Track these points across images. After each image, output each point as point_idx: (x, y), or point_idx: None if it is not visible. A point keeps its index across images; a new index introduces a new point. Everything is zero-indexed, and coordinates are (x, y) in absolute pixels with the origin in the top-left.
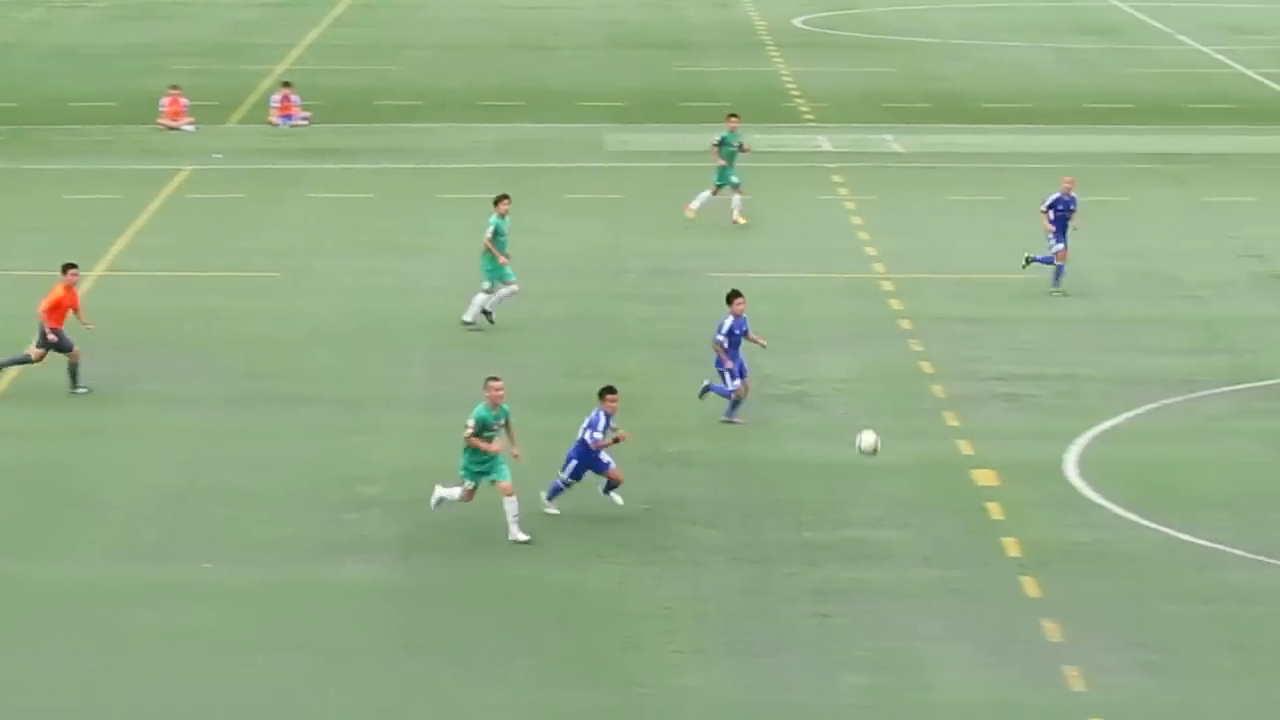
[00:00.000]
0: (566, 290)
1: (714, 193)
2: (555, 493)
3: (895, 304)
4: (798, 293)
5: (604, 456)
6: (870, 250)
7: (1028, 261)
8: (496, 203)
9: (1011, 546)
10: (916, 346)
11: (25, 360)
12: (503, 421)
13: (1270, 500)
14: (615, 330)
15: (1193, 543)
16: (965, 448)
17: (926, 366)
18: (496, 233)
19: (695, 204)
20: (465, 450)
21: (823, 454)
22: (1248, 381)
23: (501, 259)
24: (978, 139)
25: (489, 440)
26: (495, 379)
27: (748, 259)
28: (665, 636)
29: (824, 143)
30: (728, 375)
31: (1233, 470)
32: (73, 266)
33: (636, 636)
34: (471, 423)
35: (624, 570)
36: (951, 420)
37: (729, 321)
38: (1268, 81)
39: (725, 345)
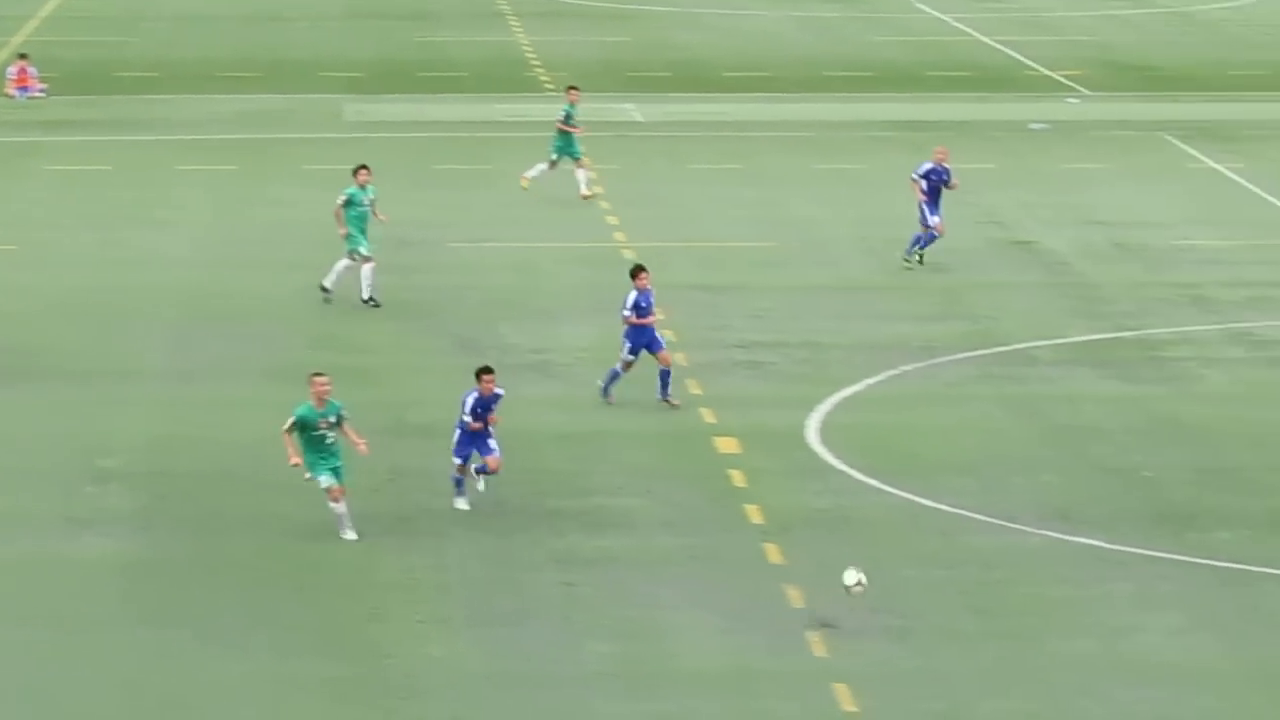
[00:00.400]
0: (307, 261)
1: (550, 166)
2: (458, 484)
3: None
4: (539, 262)
5: (491, 443)
6: (611, 219)
7: (919, 258)
8: (355, 172)
9: (754, 514)
10: (659, 315)
11: None
12: (333, 419)
13: (1010, 465)
14: (356, 301)
15: (934, 508)
16: (707, 415)
17: (668, 335)
18: (349, 202)
19: (532, 173)
20: (308, 448)
21: (565, 423)
22: (987, 347)
23: (341, 230)
24: (719, 108)
25: (314, 443)
26: (320, 375)
27: (489, 229)
28: (409, 607)
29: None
30: (626, 347)
31: (973, 436)
32: None
33: (380, 607)
34: (290, 420)
35: (367, 541)
36: (694, 388)
37: (633, 296)
38: (1006, 49)
39: (635, 319)
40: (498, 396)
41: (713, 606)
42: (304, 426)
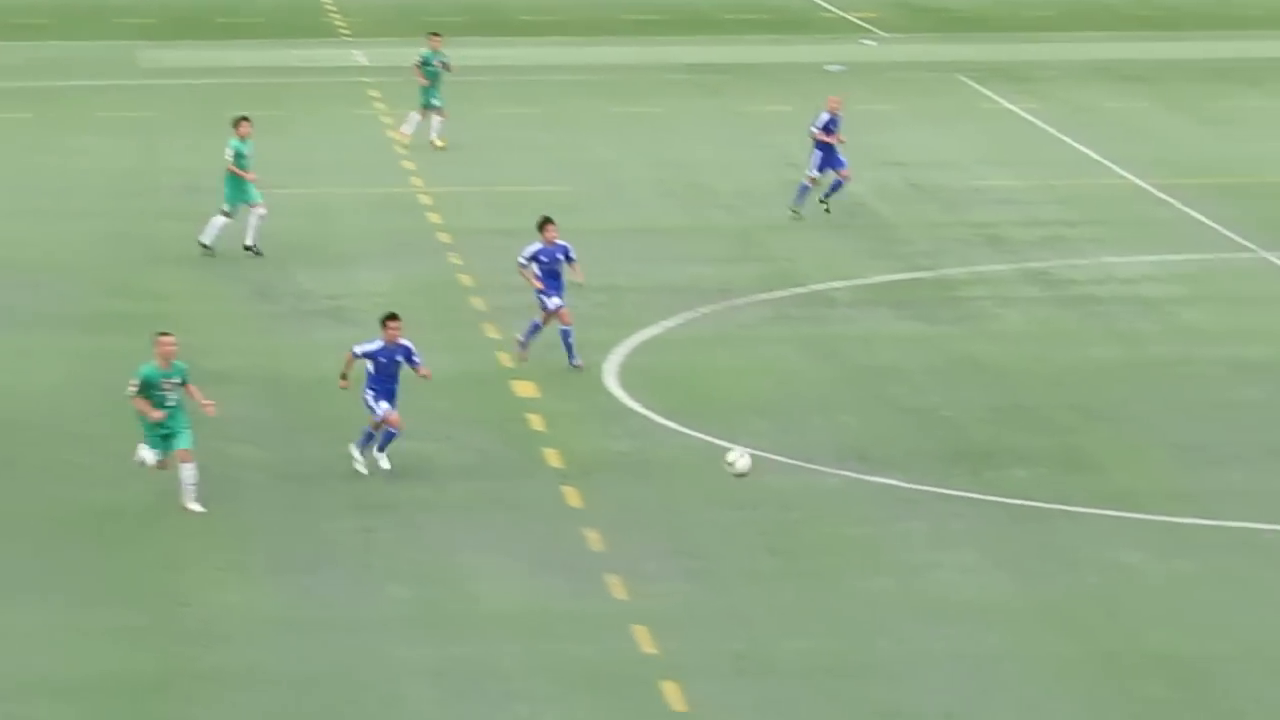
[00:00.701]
0: (100, 209)
1: (422, 115)
2: (368, 440)
3: (433, 217)
4: (335, 207)
5: (391, 399)
6: (407, 164)
7: (826, 208)
8: (236, 125)
9: (553, 457)
10: (455, 260)
11: None
12: (178, 380)
13: (807, 406)
14: (151, 248)
15: (732, 449)
16: (505, 360)
17: (465, 279)
18: (238, 155)
19: (407, 128)
20: (141, 417)
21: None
22: (784, 289)
23: (250, 176)
24: (514, 51)
25: (156, 404)
26: (166, 334)
27: (284, 175)
28: (206, 554)
29: (360, 57)
30: (543, 299)
31: (770, 377)
32: None
33: (177, 555)
34: (135, 381)
35: (163, 489)
36: (491, 332)
37: (533, 248)
38: None
39: (536, 272)
40: (406, 349)
41: (512, 550)
42: (148, 387)
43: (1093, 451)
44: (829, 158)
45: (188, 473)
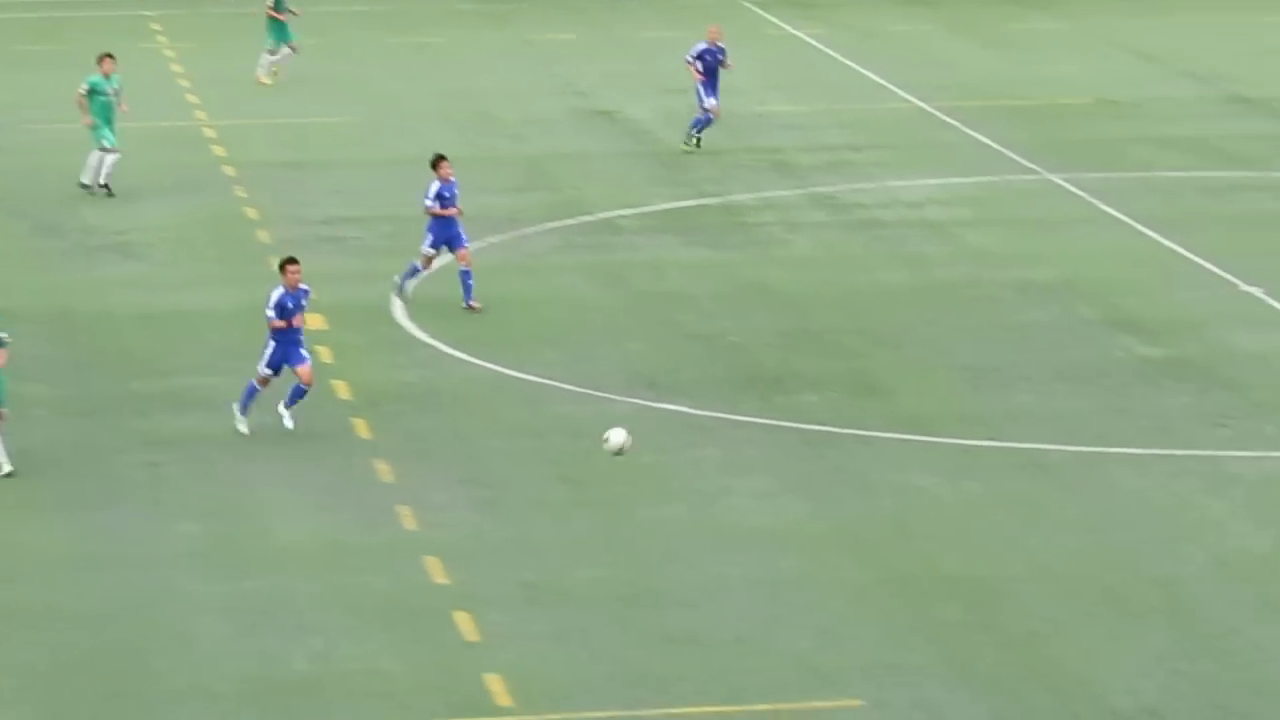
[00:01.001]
0: None
1: (281, 53)
2: (250, 397)
3: (218, 150)
4: (119, 142)
5: (302, 350)
6: (191, 98)
7: (696, 142)
8: (99, 61)
9: (342, 389)
10: (241, 193)
11: None
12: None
13: (595, 334)
14: None
15: (521, 378)
16: None
17: (251, 213)
18: (92, 91)
19: (263, 71)
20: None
21: (148, 304)
22: (571, 217)
23: (85, 120)
24: None
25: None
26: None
27: (67, 109)
28: None
29: None
30: (428, 240)
31: (559, 306)
32: None
33: None
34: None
35: None
36: (275, 266)
37: (435, 186)
38: None
39: (437, 209)
40: (305, 292)
41: (302, 483)
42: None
43: (882, 376)
44: (711, 88)
45: None
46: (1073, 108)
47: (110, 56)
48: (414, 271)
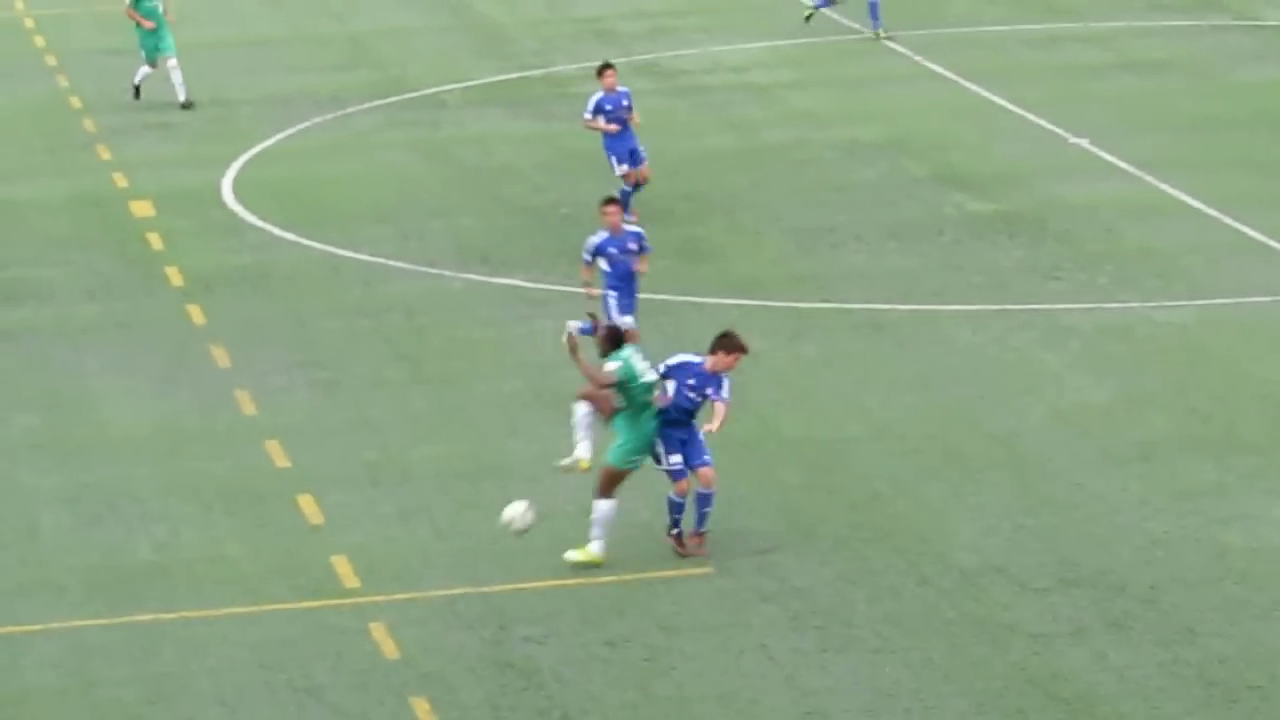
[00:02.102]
0: None
1: None
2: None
3: (39, 40)
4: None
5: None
6: None
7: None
8: None
9: (174, 276)
10: (64, 81)
11: None
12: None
13: (426, 210)
14: None
15: (354, 258)
16: (120, 180)
17: (75, 101)
18: (137, 2)
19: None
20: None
21: None
22: (395, 95)
23: (148, 24)
24: None
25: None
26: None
27: None
28: None
29: None
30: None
31: (388, 184)
32: None
33: None
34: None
35: None
36: (104, 154)
37: (594, 98)
38: None
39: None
40: (635, 235)
41: (139, 372)
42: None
43: (714, 241)
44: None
45: None
46: None
47: None
48: (626, 196)
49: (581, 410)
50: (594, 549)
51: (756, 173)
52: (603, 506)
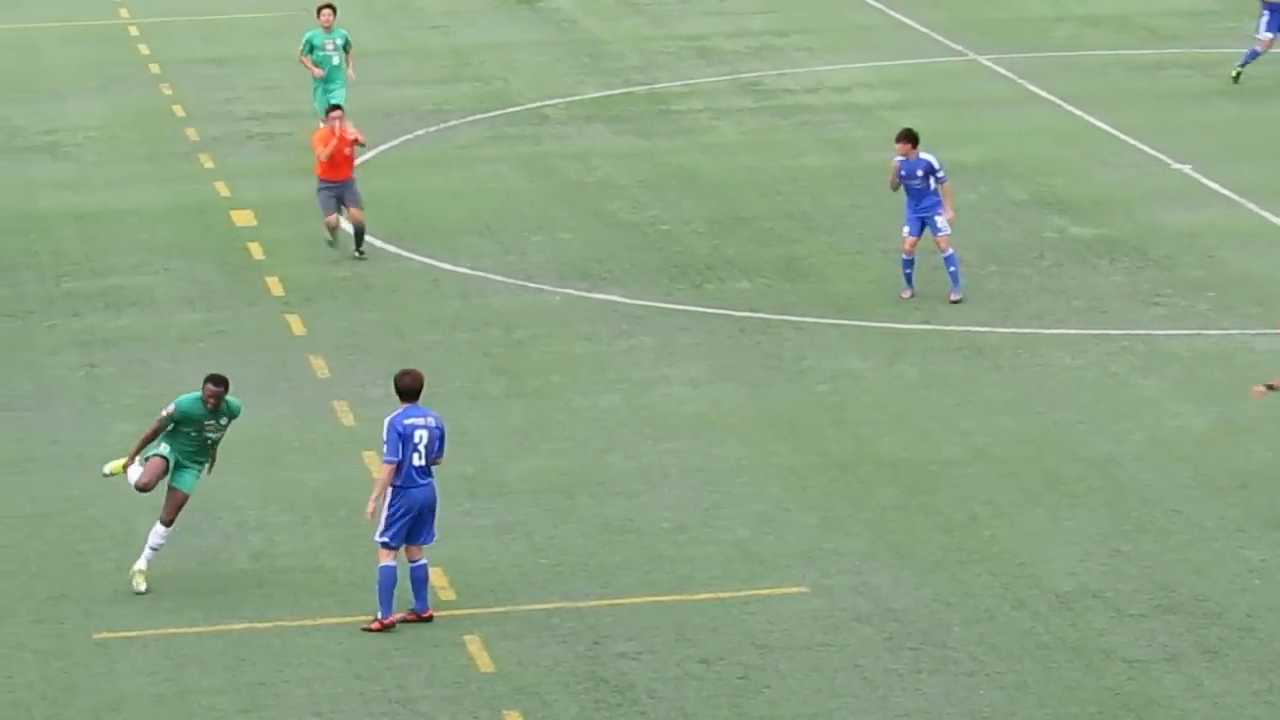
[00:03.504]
0: None
1: None
2: None
3: (143, 48)
4: (41, 42)
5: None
6: None
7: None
8: (318, 13)
9: (275, 285)
10: (167, 90)
11: None
12: None
13: (526, 224)
14: None
15: (454, 271)
16: (223, 189)
17: (178, 110)
18: (311, 47)
19: None
20: None
21: (78, 204)
22: (498, 108)
23: (316, 72)
24: None
25: None
26: None
27: None
28: None
29: None
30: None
31: (489, 197)
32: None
33: None
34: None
35: None
36: (207, 163)
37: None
38: None
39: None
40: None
41: (238, 381)
42: None
43: (814, 261)
44: (1274, 19)
45: None
46: None
47: (330, 7)
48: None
49: None
50: None
51: (858, 193)
52: None
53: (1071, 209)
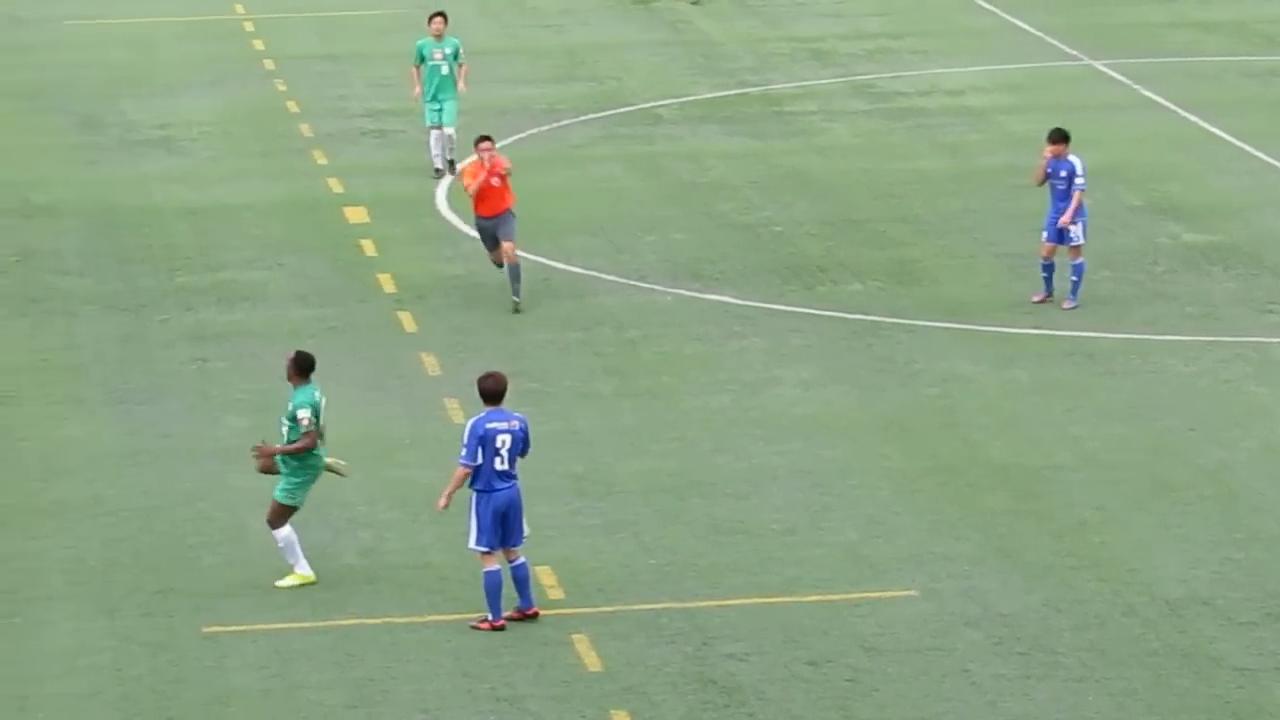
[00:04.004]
0: None
1: None
2: None
3: (258, 44)
4: (157, 37)
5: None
6: None
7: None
8: (429, 21)
9: (387, 282)
10: (281, 86)
11: None
12: None
13: (638, 224)
14: None
15: (565, 270)
16: (335, 186)
17: (292, 106)
18: (421, 57)
19: None
20: None
21: (191, 198)
22: (611, 108)
23: (414, 91)
24: None
25: None
26: None
27: (104, 5)
28: (42, 389)
29: None
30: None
31: (601, 196)
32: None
33: (13, 390)
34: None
35: None
36: (320, 159)
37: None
38: None
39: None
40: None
41: (348, 377)
42: None
43: (926, 264)
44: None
45: None
46: None
47: (441, 15)
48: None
49: None
50: None
51: (970, 197)
52: None
53: (1185, 215)
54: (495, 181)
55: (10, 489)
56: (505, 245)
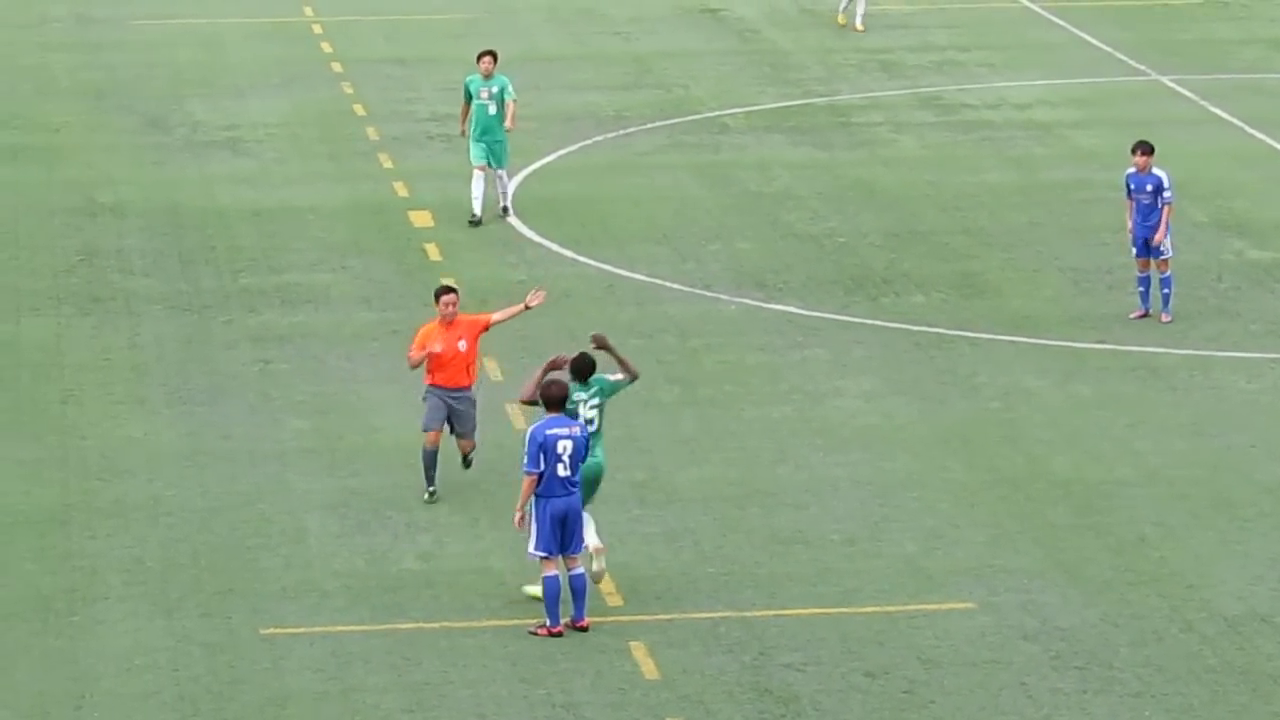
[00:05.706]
0: None
1: None
2: None
3: (326, 47)
4: (226, 38)
5: None
6: None
7: None
8: (478, 59)
9: None
10: (348, 89)
11: None
12: None
13: (703, 233)
14: (42, 80)
15: (629, 277)
16: (401, 189)
17: (359, 109)
18: (468, 94)
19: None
20: None
21: (257, 200)
22: (678, 116)
23: (460, 128)
24: None
25: None
26: None
27: (173, 5)
28: (104, 388)
29: None
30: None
31: (667, 204)
32: None
33: (76, 388)
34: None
35: (60, 322)
36: (386, 162)
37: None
38: None
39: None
40: None
41: (411, 381)
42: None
43: (990, 277)
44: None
45: None
46: (1182, 8)
47: (490, 54)
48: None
49: None
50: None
51: (1036, 210)
52: None
53: (1251, 232)
54: (462, 346)
55: (71, 488)
56: (462, 443)
